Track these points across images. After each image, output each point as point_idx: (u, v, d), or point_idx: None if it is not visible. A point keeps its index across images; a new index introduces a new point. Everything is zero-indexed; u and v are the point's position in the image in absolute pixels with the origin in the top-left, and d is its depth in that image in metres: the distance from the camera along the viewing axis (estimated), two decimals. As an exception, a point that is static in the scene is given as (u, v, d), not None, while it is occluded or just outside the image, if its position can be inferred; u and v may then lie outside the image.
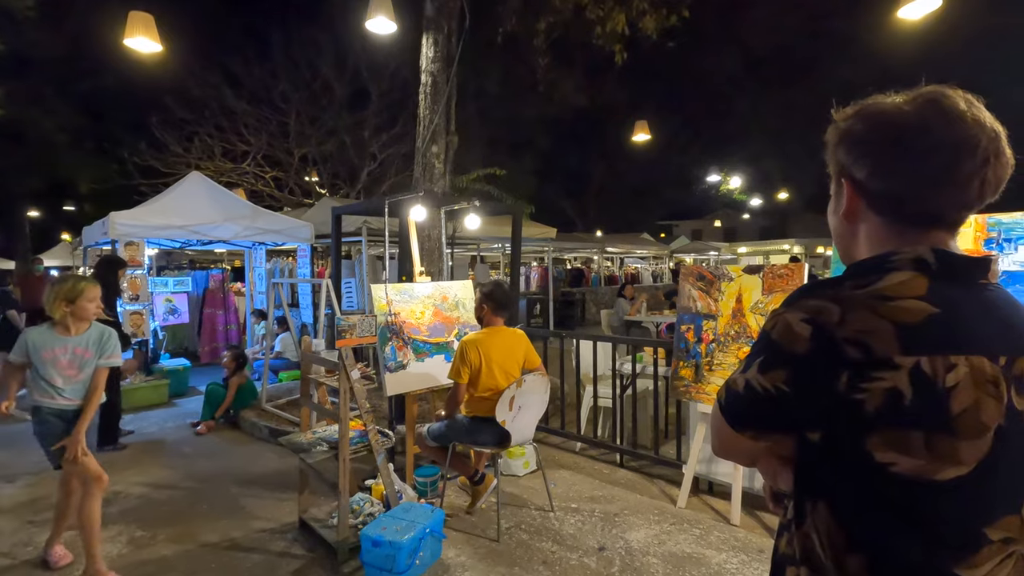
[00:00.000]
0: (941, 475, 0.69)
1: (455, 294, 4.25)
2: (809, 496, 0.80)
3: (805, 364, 0.73)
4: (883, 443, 0.70)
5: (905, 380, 0.68)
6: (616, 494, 3.75)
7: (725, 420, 0.85)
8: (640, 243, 19.15)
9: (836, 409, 0.72)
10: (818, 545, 0.78)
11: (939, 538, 0.72)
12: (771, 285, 3.28)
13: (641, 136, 9.78)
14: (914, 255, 0.75)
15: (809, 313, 0.74)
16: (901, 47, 10.50)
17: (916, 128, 0.76)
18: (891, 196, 0.79)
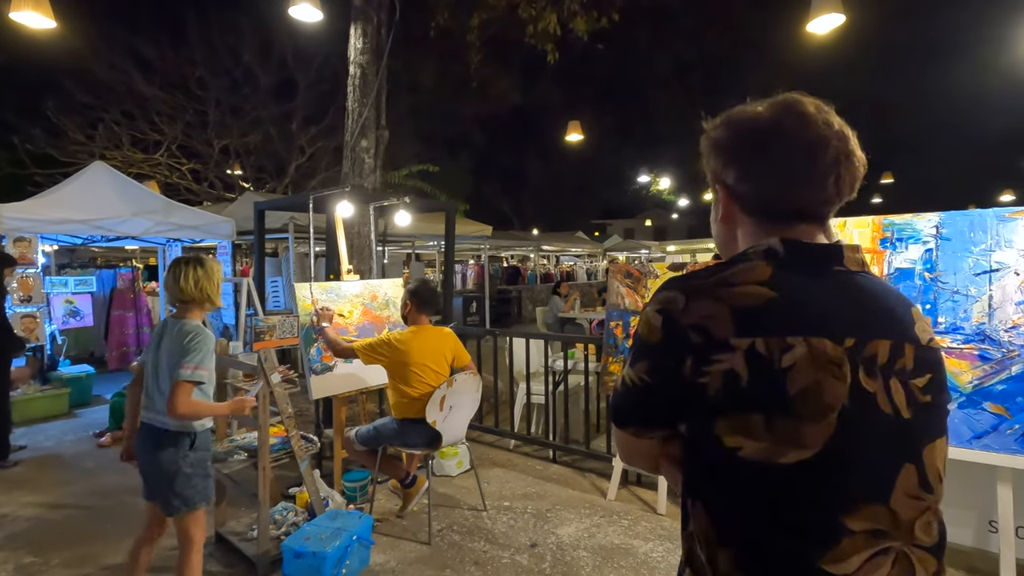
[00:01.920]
0: (785, 458, 0.68)
1: (385, 292, 4.14)
2: (690, 495, 0.80)
3: (659, 352, 0.76)
4: (729, 427, 0.71)
5: (741, 361, 0.69)
6: (548, 490, 3.79)
7: (611, 417, 0.87)
8: (575, 241, 19.52)
9: (687, 396, 0.73)
10: (697, 545, 0.78)
11: (798, 528, 0.70)
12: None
13: (574, 136, 9.95)
14: (766, 246, 0.78)
15: (661, 304, 0.77)
16: (812, 57, 11.27)
17: (773, 132, 0.80)
18: (758, 197, 0.83)
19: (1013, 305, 2.42)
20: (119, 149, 12.81)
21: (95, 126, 12.69)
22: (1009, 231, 2.50)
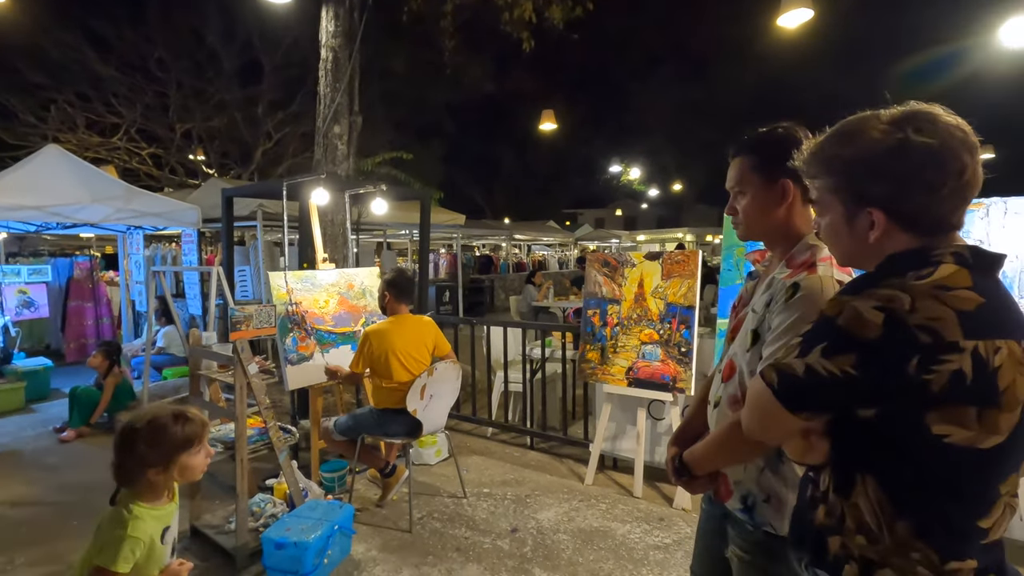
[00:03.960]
0: (986, 444, 0.80)
1: (361, 282, 4.10)
2: (858, 468, 0.89)
3: (875, 348, 0.81)
4: (941, 418, 0.80)
5: (968, 362, 0.78)
6: (527, 476, 3.83)
7: (779, 403, 0.89)
8: (547, 230, 19.58)
9: (902, 389, 0.80)
10: (868, 514, 0.87)
11: (972, 498, 0.84)
12: (669, 271, 3.48)
13: (548, 125, 9.96)
14: (953, 251, 0.86)
15: (882, 302, 0.81)
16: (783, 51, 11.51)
17: (941, 154, 0.87)
18: (922, 211, 0.90)
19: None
20: (73, 132, 12.24)
21: (47, 107, 12.07)
22: (968, 222, 2.63)
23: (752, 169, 1.31)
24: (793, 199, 1.28)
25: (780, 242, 1.32)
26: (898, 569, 0.85)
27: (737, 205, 1.34)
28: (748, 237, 1.37)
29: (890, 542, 0.86)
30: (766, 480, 1.25)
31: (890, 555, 0.86)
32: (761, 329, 1.23)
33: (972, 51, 3.64)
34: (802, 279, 1.17)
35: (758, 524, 1.26)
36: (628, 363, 3.54)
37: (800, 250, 1.26)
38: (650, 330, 3.49)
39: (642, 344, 3.51)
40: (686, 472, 1.30)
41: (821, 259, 1.20)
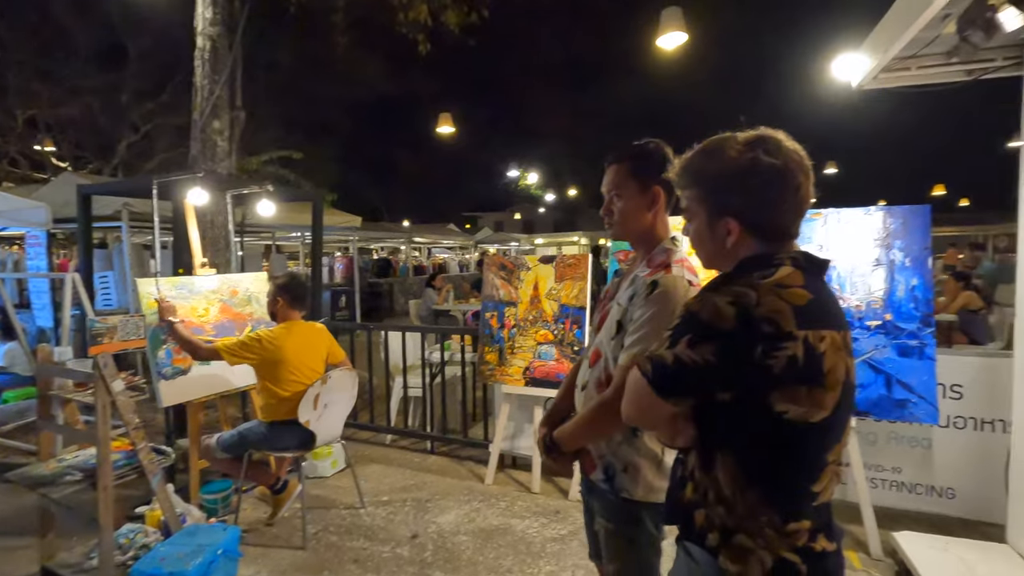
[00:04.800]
0: (815, 418, 0.95)
1: (247, 288, 3.85)
2: (717, 447, 1.01)
3: (729, 337, 0.93)
4: (781, 397, 0.93)
5: (801, 348, 0.92)
6: (428, 481, 3.81)
7: (653, 390, 0.99)
8: (447, 233, 19.53)
9: (751, 373, 0.93)
10: (726, 487, 0.99)
11: (806, 466, 0.99)
12: (562, 273, 3.64)
13: (446, 129, 9.95)
14: (791, 256, 1.02)
15: (734, 297, 0.95)
16: (664, 69, 12.43)
17: (783, 172, 1.02)
18: (768, 220, 1.05)
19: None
20: None
21: None
22: (810, 229, 3.04)
23: (629, 175, 1.47)
24: (660, 205, 1.47)
25: (644, 244, 1.50)
26: (749, 533, 0.98)
27: (613, 208, 1.50)
28: (619, 237, 1.53)
29: (743, 510, 0.98)
30: (624, 451, 1.42)
31: (743, 521, 0.98)
32: (624, 320, 1.39)
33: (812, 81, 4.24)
34: (660, 278, 1.35)
35: (617, 491, 1.43)
36: (525, 363, 3.65)
37: (658, 252, 1.45)
38: (545, 331, 3.63)
39: (538, 344, 3.63)
40: (556, 449, 1.44)
41: (675, 261, 1.39)
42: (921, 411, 2.76)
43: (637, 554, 1.46)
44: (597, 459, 1.47)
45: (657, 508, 1.42)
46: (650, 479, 1.41)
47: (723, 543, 0.99)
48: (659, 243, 1.47)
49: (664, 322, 1.23)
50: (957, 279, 6.32)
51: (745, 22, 15.46)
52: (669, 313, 1.27)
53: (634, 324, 1.35)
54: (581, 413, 1.43)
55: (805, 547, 0.97)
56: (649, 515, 1.44)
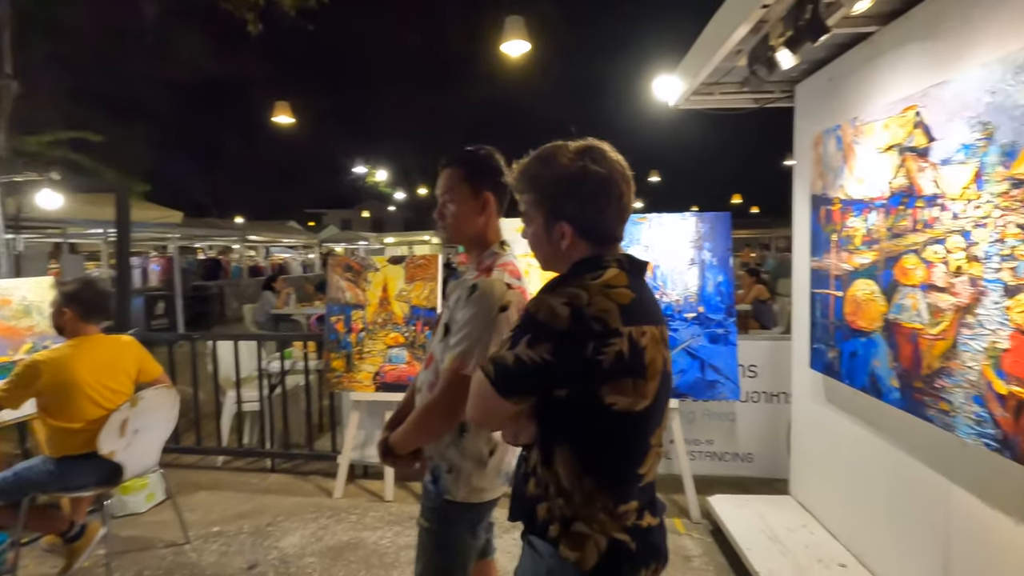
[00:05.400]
0: (639, 407, 1.02)
1: (23, 296, 3.16)
2: (556, 441, 1.05)
3: (564, 336, 0.98)
4: (610, 390, 1.00)
5: (626, 344, 0.99)
6: (268, 503, 3.49)
7: (495, 390, 1.03)
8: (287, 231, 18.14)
9: (585, 369, 0.98)
10: (564, 478, 1.03)
11: (633, 451, 1.07)
12: (413, 274, 3.57)
13: (283, 118, 9.20)
14: (616, 258, 1.09)
15: (568, 298, 0.99)
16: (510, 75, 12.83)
17: (610, 180, 1.08)
18: (595, 225, 1.11)
19: (642, 287, 3.25)
20: None
21: None
22: (638, 232, 3.35)
23: (462, 180, 1.47)
24: (491, 210, 1.49)
25: (475, 248, 1.53)
26: (586, 520, 1.03)
27: (445, 211, 1.50)
28: (452, 241, 1.55)
29: (580, 499, 1.04)
30: (450, 453, 1.44)
31: (580, 509, 1.04)
32: (450, 322, 1.43)
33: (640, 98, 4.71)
34: (480, 281, 1.39)
35: (440, 492, 1.45)
36: (375, 368, 3.52)
37: (487, 256, 1.49)
38: (396, 333, 3.53)
39: (388, 348, 3.52)
40: (391, 453, 1.45)
41: (499, 264, 1.44)
42: (727, 389, 3.21)
43: (443, 556, 1.48)
44: (428, 460, 1.49)
45: (478, 510, 1.48)
46: (473, 481, 1.44)
47: (563, 533, 1.04)
48: (489, 247, 1.51)
49: (482, 323, 1.33)
50: (751, 274, 7.48)
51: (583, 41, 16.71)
52: (486, 314, 1.33)
53: (456, 326, 1.39)
54: (411, 416, 1.44)
55: (634, 525, 1.06)
56: (467, 518, 1.47)
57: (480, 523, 1.52)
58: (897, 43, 2.07)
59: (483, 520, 1.54)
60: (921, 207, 1.85)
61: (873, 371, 2.12)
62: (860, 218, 2.21)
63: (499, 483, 1.50)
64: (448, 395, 1.34)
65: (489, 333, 1.33)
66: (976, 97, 1.60)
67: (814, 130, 2.61)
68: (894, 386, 2.00)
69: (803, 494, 2.96)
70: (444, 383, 1.36)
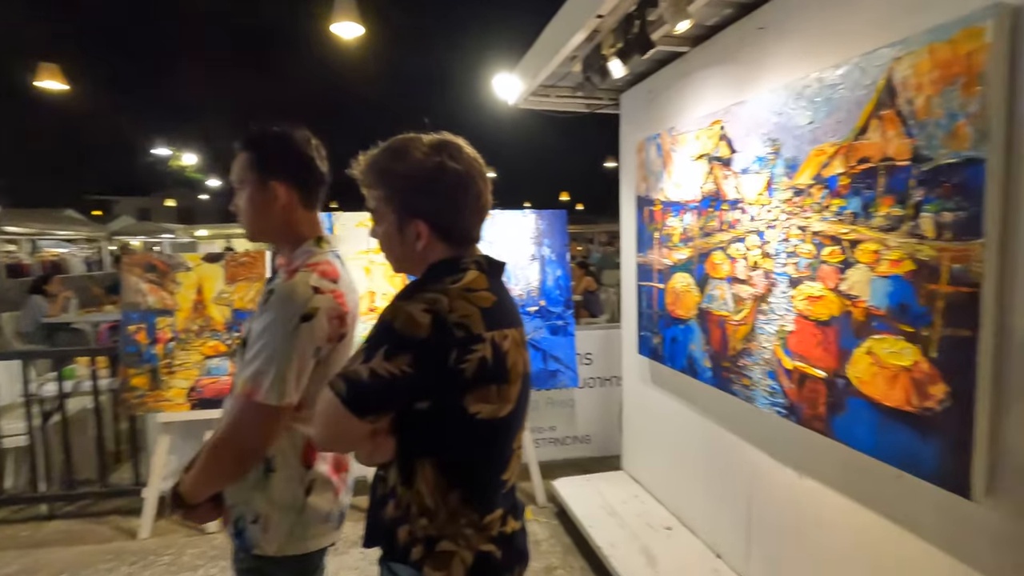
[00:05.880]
0: (503, 412, 0.99)
1: None
2: (418, 457, 0.99)
3: (425, 345, 0.91)
4: (474, 398, 0.95)
5: (489, 349, 0.95)
6: (45, 558, 2.83)
7: (348, 410, 0.92)
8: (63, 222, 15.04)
9: (447, 379, 0.93)
10: (427, 496, 0.98)
11: (498, 459, 1.03)
12: (234, 273, 3.16)
13: (51, 84, 7.53)
14: (474, 260, 1.03)
15: (428, 304, 0.93)
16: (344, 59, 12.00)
17: (468, 178, 1.03)
18: (454, 225, 1.04)
19: (487, 283, 3.28)
20: None
21: None
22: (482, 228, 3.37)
23: (251, 167, 1.26)
24: (289, 203, 1.26)
25: (283, 246, 1.31)
26: (452, 537, 0.98)
27: (238, 201, 1.28)
28: (252, 238, 1.34)
29: (445, 515, 0.98)
30: (255, 501, 1.20)
31: (446, 527, 0.98)
32: (248, 336, 1.21)
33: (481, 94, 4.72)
34: (278, 284, 1.18)
35: (247, 547, 1.21)
36: (190, 383, 3.05)
37: (298, 255, 1.27)
38: (215, 342, 3.09)
39: (206, 359, 3.07)
40: (182, 503, 1.19)
41: (308, 264, 1.22)
42: (567, 378, 3.40)
43: None
44: (230, 509, 1.23)
45: (300, 562, 1.25)
46: (287, 530, 1.21)
47: (427, 554, 0.98)
48: (300, 244, 1.28)
49: (279, 336, 1.12)
50: (580, 267, 8.09)
51: (423, 31, 16.27)
52: (283, 325, 1.12)
53: (251, 336, 1.17)
54: (200, 457, 1.19)
55: (499, 534, 1.03)
56: (284, 573, 1.25)
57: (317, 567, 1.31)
58: (704, 64, 2.35)
59: (311, 574, 1.31)
60: (726, 210, 2.12)
61: (690, 354, 2.40)
62: (677, 218, 2.48)
63: (328, 528, 1.27)
64: (239, 428, 1.13)
65: (288, 348, 1.11)
66: (767, 117, 1.87)
67: (638, 136, 2.85)
68: (707, 366, 2.28)
69: (634, 468, 3.26)
70: (234, 414, 1.13)
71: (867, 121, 1.48)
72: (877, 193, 1.46)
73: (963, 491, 1.27)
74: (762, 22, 1.98)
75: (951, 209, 1.27)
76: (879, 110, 1.44)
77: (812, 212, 1.68)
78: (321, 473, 1.25)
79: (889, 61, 1.40)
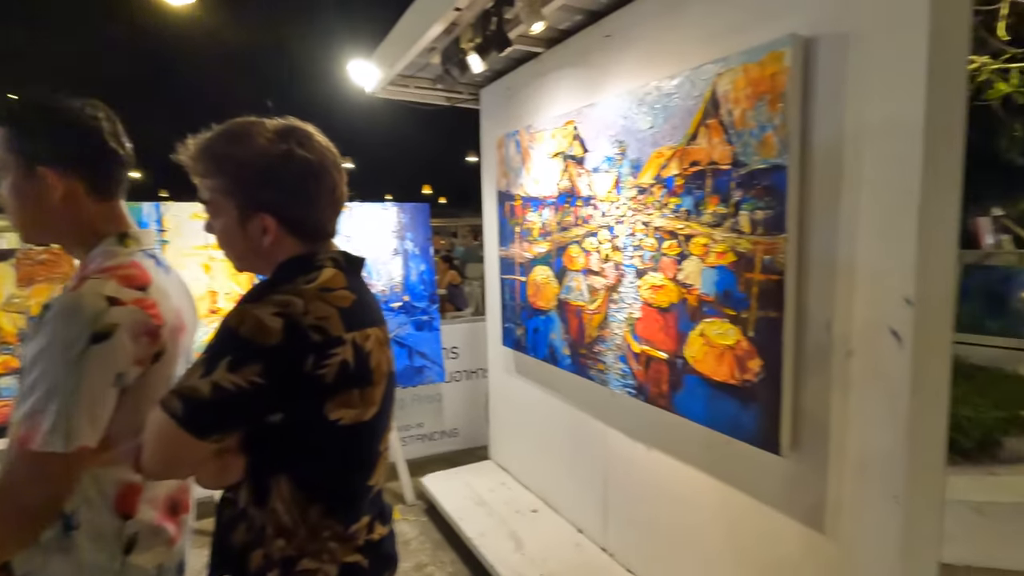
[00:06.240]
0: (368, 416, 0.94)
1: None
2: (272, 473, 0.91)
3: (276, 353, 0.83)
4: (336, 405, 0.89)
5: (350, 351, 0.89)
6: None
7: (186, 432, 0.82)
8: None
9: (303, 387, 0.85)
10: (284, 514, 0.90)
11: (364, 464, 0.98)
12: (30, 274, 2.64)
13: None
14: (330, 256, 0.97)
15: (279, 307, 0.84)
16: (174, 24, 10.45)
17: (321, 168, 0.96)
18: (307, 219, 0.97)
19: (347, 279, 3.13)
20: None
21: None
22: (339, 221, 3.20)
23: (8, 147, 1.00)
24: (70, 194, 1.02)
25: (72, 246, 1.07)
26: (313, 554, 0.92)
27: (3, 190, 1.03)
28: (25, 237, 1.10)
29: (306, 533, 0.91)
30: (55, 567, 0.97)
31: (306, 544, 0.91)
32: (23, 362, 0.97)
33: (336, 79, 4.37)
34: (56, 299, 0.94)
35: None
36: (-30, 408, 2.49)
37: (93, 258, 1.04)
38: (6, 356, 2.56)
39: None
40: None
41: (104, 269, 0.99)
42: (434, 373, 3.38)
43: None
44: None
45: None
46: None
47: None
48: (97, 243, 1.04)
49: (58, 365, 0.89)
50: (445, 261, 8.08)
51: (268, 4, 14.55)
52: (63, 351, 0.88)
53: (25, 362, 0.93)
54: None
55: (366, 542, 0.99)
56: None
57: None
58: (558, 66, 2.46)
59: None
60: (580, 206, 2.25)
61: (551, 343, 2.51)
62: (537, 213, 2.57)
63: None
64: (15, 484, 0.90)
65: (74, 378, 0.88)
66: (614, 120, 2.01)
67: (497, 132, 2.90)
68: (566, 354, 2.40)
69: (501, 457, 3.34)
70: (8, 465, 0.91)
71: (697, 128, 1.66)
72: (706, 193, 1.64)
73: (774, 448, 1.49)
74: (609, 30, 2.12)
75: (762, 208, 1.47)
76: (706, 119, 1.62)
77: (654, 209, 1.84)
78: (147, 522, 1.04)
79: (713, 76, 1.58)
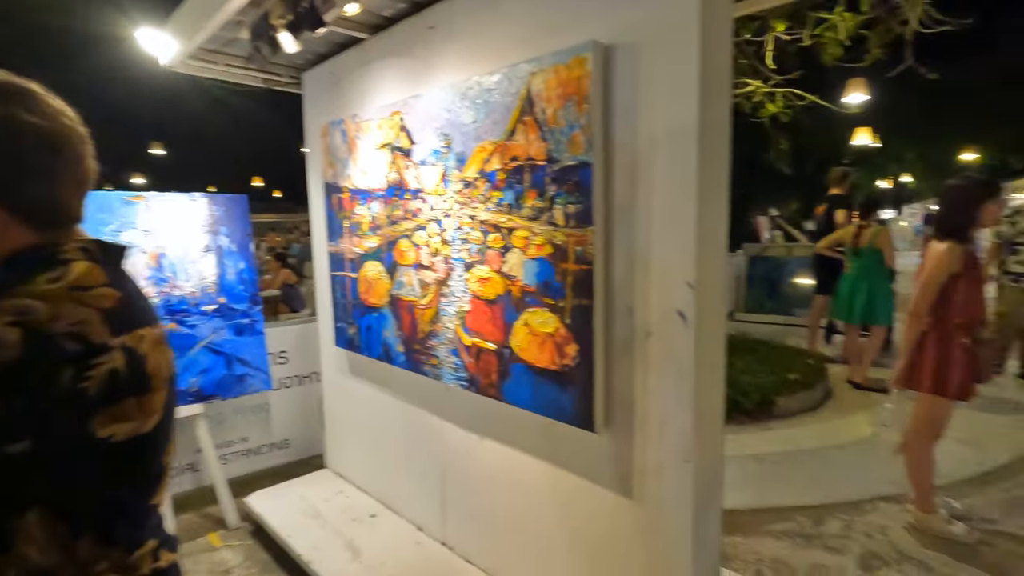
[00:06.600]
0: (147, 427, 0.80)
1: None
2: (16, 512, 0.73)
3: (20, 372, 0.68)
4: (106, 419, 0.74)
5: (121, 358, 0.75)
6: None
7: None
8: None
9: (59, 406, 0.70)
10: (41, 554, 0.73)
11: (144, 483, 0.84)
12: None
13: None
14: (80, 244, 0.81)
15: (15, 315, 0.69)
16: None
17: (64, 136, 0.80)
18: (47, 201, 0.81)
19: (144, 280, 2.71)
20: None
21: None
22: (133, 213, 2.76)
23: None
24: None
25: None
26: None
27: None
28: None
29: (75, 569, 0.76)
30: None
31: None
32: None
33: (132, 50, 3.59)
34: None
35: None
36: None
37: None
38: None
39: None
40: None
41: None
42: (259, 381, 3.08)
43: None
44: None
45: None
46: None
47: None
48: None
49: None
50: (278, 259, 7.45)
51: None
52: None
53: None
54: None
55: (152, 571, 0.85)
56: None
57: None
58: (383, 55, 2.37)
59: None
60: (409, 199, 2.20)
61: (385, 341, 2.43)
62: (366, 206, 2.46)
63: None
64: None
65: None
66: (439, 112, 1.99)
67: (322, 120, 2.72)
68: (400, 351, 2.34)
69: (337, 463, 3.16)
70: None
71: (515, 124, 1.71)
72: (525, 187, 1.70)
73: (589, 426, 1.59)
74: (432, 21, 2.09)
75: (573, 202, 1.56)
76: (523, 116, 1.68)
77: (479, 203, 1.87)
78: None
79: (528, 75, 1.64)
